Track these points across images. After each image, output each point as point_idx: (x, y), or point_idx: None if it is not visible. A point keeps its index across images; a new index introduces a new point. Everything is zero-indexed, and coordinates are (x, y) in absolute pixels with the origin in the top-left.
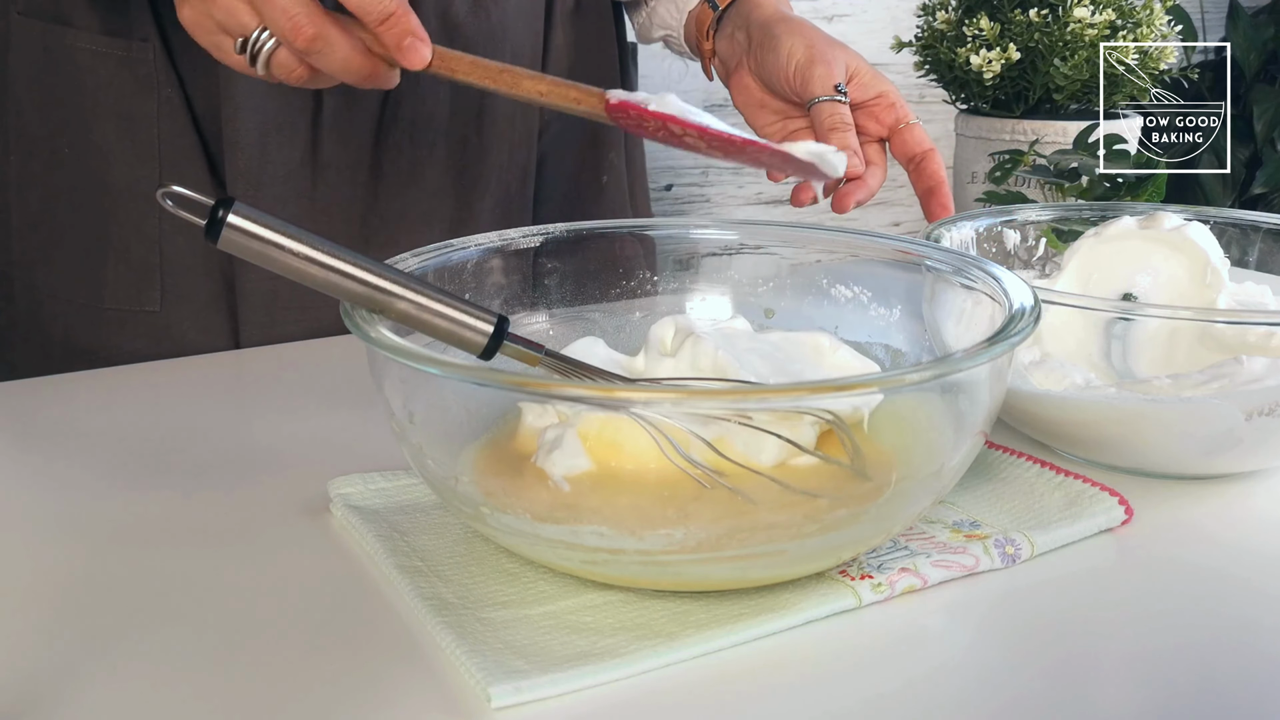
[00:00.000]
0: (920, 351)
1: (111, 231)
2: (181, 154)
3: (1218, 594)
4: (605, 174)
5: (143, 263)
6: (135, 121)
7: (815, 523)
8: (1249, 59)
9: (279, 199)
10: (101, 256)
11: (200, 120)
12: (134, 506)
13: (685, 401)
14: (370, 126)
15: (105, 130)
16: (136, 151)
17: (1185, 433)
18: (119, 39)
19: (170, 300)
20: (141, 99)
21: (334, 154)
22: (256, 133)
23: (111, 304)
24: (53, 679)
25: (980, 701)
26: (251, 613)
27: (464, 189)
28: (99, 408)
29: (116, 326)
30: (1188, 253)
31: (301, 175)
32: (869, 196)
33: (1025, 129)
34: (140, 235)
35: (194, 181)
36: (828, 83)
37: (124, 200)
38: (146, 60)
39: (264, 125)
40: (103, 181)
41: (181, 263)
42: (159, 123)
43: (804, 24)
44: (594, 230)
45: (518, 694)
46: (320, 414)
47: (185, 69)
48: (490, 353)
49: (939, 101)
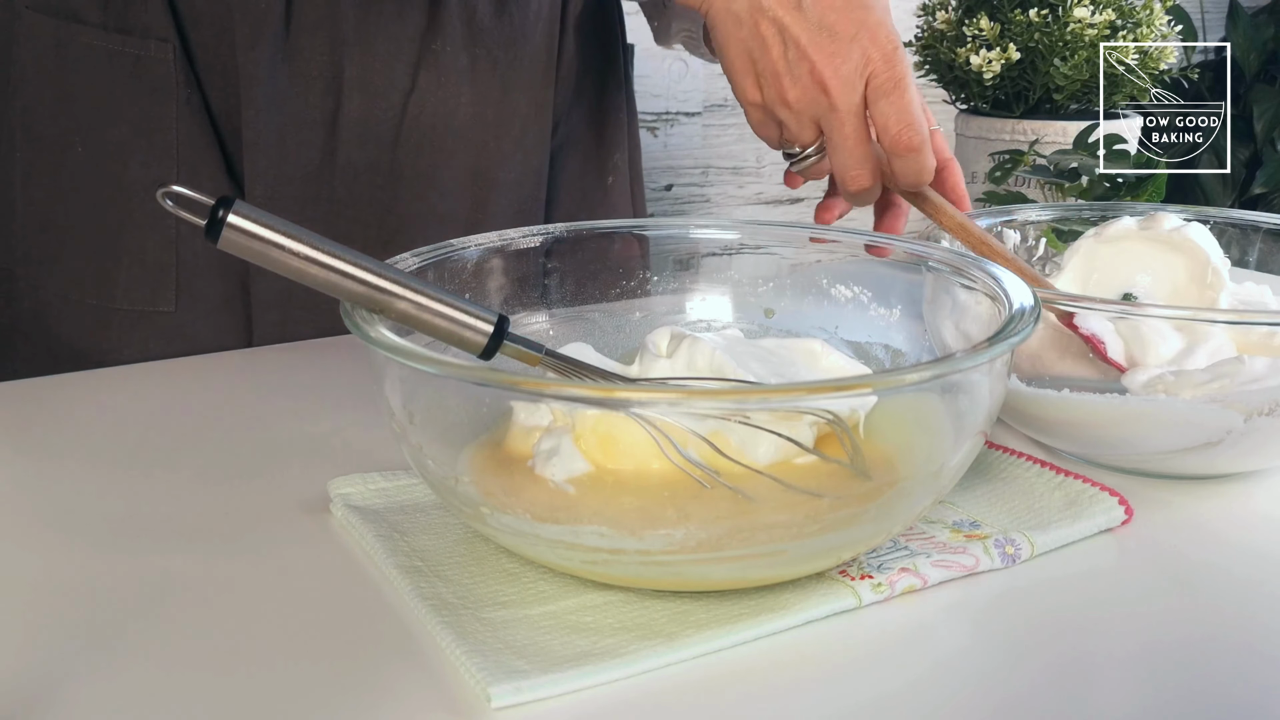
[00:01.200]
0: (920, 351)
1: (126, 232)
2: (199, 155)
3: (1218, 594)
4: (611, 174)
5: (158, 263)
6: (152, 122)
7: (815, 523)
8: (1249, 59)
9: (297, 200)
10: (115, 257)
11: (218, 120)
12: (134, 506)
13: (685, 401)
14: (390, 128)
15: (121, 130)
16: (153, 152)
17: (1185, 433)
18: (134, 37)
19: (185, 301)
20: (159, 99)
21: (352, 156)
22: (275, 134)
23: (124, 304)
24: (53, 679)
25: (980, 701)
26: (251, 612)
27: (481, 191)
28: (98, 408)
29: (128, 327)
30: (1188, 253)
31: (320, 177)
32: (849, 209)
33: (1025, 129)
34: (156, 236)
35: (211, 182)
36: None
37: (140, 200)
38: (166, 60)
39: (283, 127)
40: (118, 181)
41: (197, 263)
42: (177, 123)
43: None
44: (594, 230)
45: (518, 694)
46: (320, 414)
47: (204, 70)
48: (490, 352)
49: (939, 101)
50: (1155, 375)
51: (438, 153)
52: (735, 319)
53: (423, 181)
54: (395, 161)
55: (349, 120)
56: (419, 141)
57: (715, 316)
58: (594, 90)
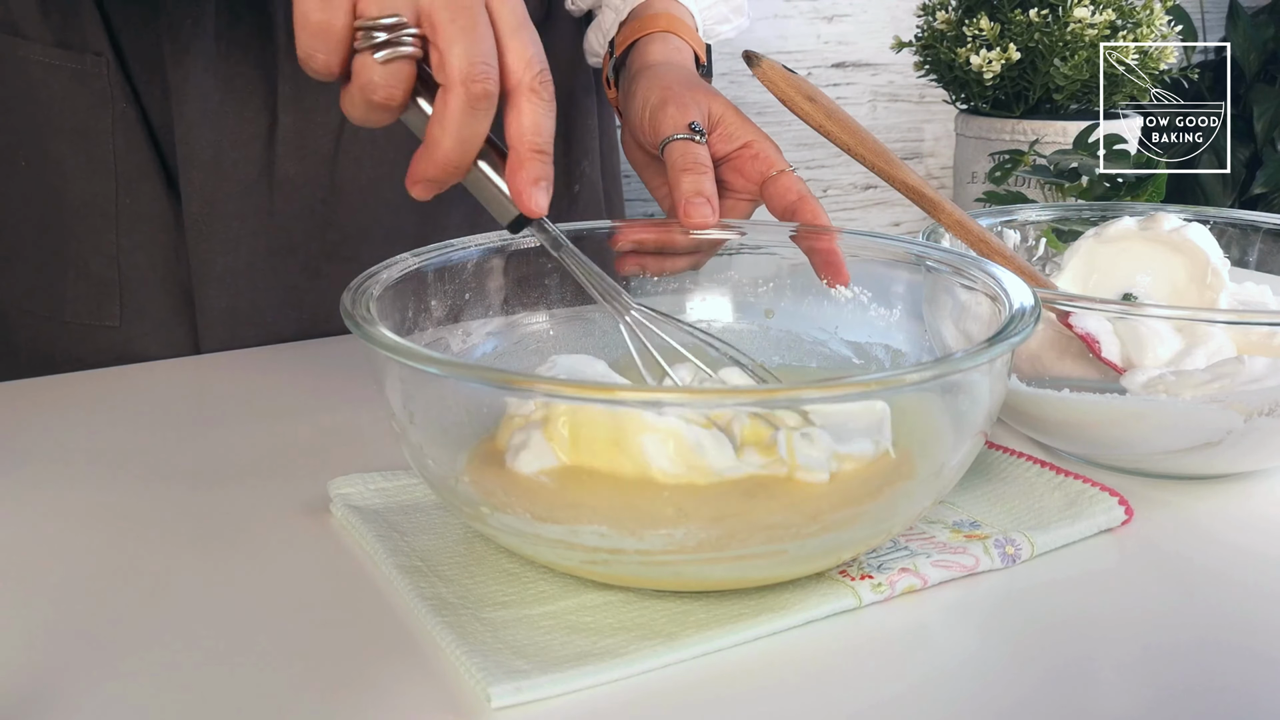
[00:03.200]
0: (920, 351)
1: (70, 247)
2: (138, 170)
3: (1218, 594)
4: (577, 183)
5: (101, 278)
6: (90, 137)
7: (815, 523)
8: (1249, 59)
9: (236, 215)
10: (60, 271)
11: (157, 135)
12: (134, 506)
13: (664, 398)
14: (328, 143)
15: (60, 145)
16: (93, 167)
17: (1185, 433)
18: (72, 52)
19: (130, 315)
20: (96, 114)
21: (290, 170)
22: (211, 150)
23: (72, 318)
24: (53, 679)
25: (980, 701)
26: (251, 613)
27: (428, 205)
28: (97, 408)
29: (78, 340)
30: (1188, 253)
31: (258, 191)
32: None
33: (1025, 129)
34: (98, 251)
35: (151, 197)
36: (679, 122)
37: (81, 216)
38: (100, 75)
39: (218, 143)
40: (59, 196)
41: (140, 278)
42: (114, 138)
43: (674, 69)
44: (594, 230)
45: (518, 694)
46: (320, 414)
47: (140, 84)
48: (518, 226)
49: (939, 101)
50: (1155, 375)
51: (379, 166)
52: (735, 319)
53: (364, 195)
54: (335, 175)
55: (285, 135)
56: (359, 155)
57: (715, 317)
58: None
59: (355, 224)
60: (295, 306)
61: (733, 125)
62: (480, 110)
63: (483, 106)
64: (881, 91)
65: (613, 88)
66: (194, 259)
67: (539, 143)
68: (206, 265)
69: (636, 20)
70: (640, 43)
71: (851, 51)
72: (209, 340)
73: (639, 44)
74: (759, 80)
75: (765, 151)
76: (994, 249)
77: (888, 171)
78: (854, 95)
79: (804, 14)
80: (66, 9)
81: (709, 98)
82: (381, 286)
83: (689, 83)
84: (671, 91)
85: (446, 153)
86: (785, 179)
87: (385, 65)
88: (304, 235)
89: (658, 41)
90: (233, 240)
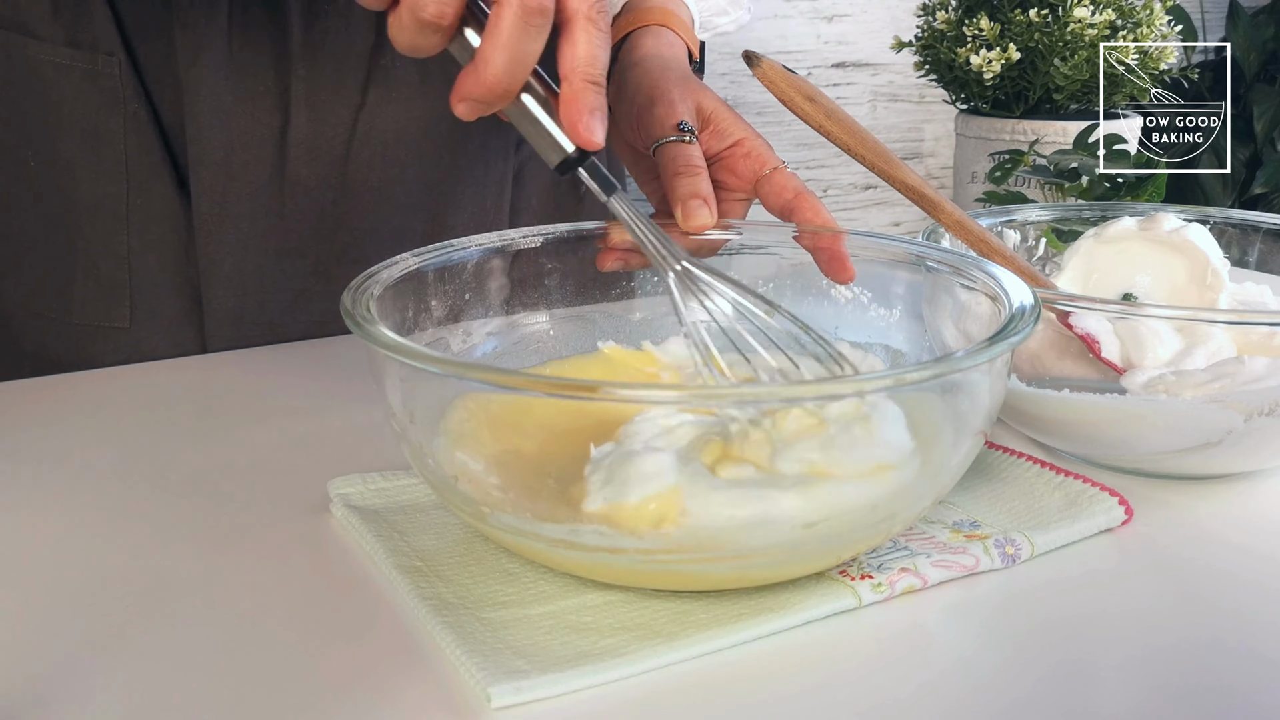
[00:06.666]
0: (920, 351)
1: (79, 247)
2: (149, 170)
3: (1218, 594)
4: (583, 185)
5: (111, 279)
6: (101, 137)
7: (816, 523)
8: (1249, 59)
9: (247, 216)
10: (69, 272)
11: (169, 135)
12: (135, 506)
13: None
14: (340, 144)
15: (71, 145)
16: (103, 167)
17: (1185, 433)
18: (83, 51)
19: (140, 316)
20: (108, 114)
21: (301, 171)
22: (222, 150)
23: (80, 319)
24: (53, 679)
25: (980, 701)
26: (251, 613)
27: (437, 205)
28: (99, 408)
29: (87, 341)
30: (1188, 254)
31: (269, 192)
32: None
33: (1025, 129)
34: (108, 252)
35: (162, 198)
36: (668, 123)
37: (91, 216)
38: (112, 75)
39: (229, 143)
40: (69, 197)
41: (150, 279)
42: (126, 138)
43: (661, 63)
44: (595, 230)
45: (518, 694)
46: (320, 414)
47: (152, 84)
48: (567, 168)
49: (939, 101)
50: (1155, 375)
51: (390, 167)
52: (735, 319)
53: (375, 196)
54: (346, 176)
55: (297, 136)
56: (370, 157)
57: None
58: None
59: (364, 224)
60: (304, 309)
61: (724, 122)
62: (534, 27)
63: (537, 22)
64: (881, 91)
65: None
66: (203, 259)
67: (594, 74)
68: (215, 266)
69: (631, 13)
70: (633, 36)
71: (851, 51)
72: (216, 341)
73: (632, 37)
74: (759, 80)
75: (757, 149)
76: (994, 249)
77: (888, 171)
78: (854, 95)
79: (804, 14)
80: (78, 8)
81: (698, 93)
82: (382, 286)
83: (676, 78)
84: (659, 90)
85: (496, 71)
86: (779, 176)
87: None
88: (314, 237)
89: (650, 35)
90: (242, 241)
